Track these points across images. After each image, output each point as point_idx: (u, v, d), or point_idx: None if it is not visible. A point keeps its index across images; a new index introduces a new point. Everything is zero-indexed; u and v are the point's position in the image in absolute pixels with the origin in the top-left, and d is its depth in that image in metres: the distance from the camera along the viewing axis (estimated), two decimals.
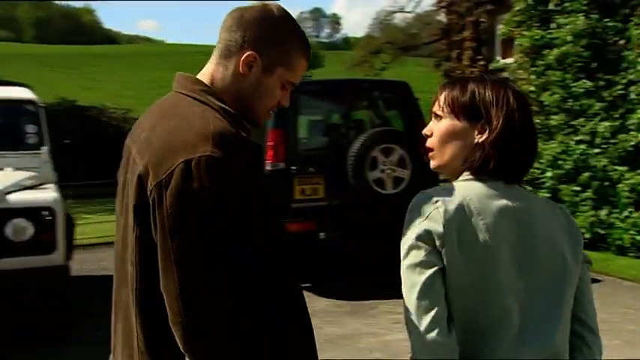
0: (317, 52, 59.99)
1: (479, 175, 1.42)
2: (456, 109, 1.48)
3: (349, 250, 7.03)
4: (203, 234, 1.21)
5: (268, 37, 1.40)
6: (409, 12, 22.35)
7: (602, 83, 7.61)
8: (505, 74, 9.66)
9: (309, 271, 6.60)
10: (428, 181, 6.52)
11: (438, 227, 1.32)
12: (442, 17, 27.09)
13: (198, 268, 1.21)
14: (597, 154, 7.49)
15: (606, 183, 7.30)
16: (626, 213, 7.09)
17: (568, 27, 7.91)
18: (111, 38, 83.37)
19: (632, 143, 7.10)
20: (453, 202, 1.35)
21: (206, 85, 1.41)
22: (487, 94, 1.47)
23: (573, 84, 7.75)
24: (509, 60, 9.52)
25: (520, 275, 1.35)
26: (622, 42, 7.62)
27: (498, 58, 10.26)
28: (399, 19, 22.76)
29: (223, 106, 1.37)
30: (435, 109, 1.53)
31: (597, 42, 7.80)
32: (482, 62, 10.42)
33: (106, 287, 1.47)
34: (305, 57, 1.45)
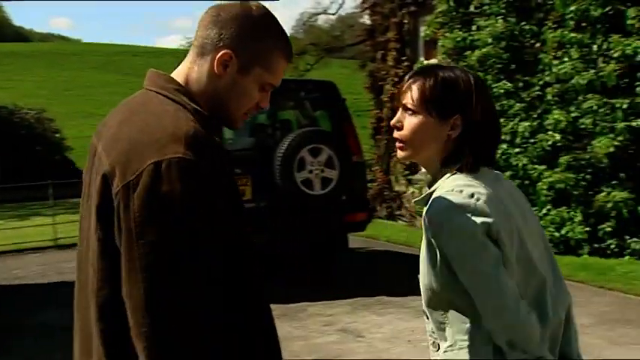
0: None
1: (462, 170, 1.45)
2: (429, 104, 1.48)
3: (277, 252, 6.97)
4: (173, 239, 1.15)
5: (246, 35, 1.34)
6: (332, 14, 22.48)
7: (520, 84, 7.85)
8: None
9: None
10: (356, 181, 6.62)
11: (489, 219, 1.37)
12: (365, 19, 27.43)
13: (167, 276, 1.15)
14: (517, 153, 7.72)
15: (526, 182, 7.53)
16: (545, 210, 7.33)
17: (488, 29, 8.11)
18: (22, 36, 79.66)
19: (550, 143, 7.35)
20: (482, 194, 1.40)
21: (180, 84, 1.35)
22: (459, 87, 1.48)
23: (494, 85, 7.96)
24: (433, 61, 9.69)
25: (536, 245, 1.47)
26: (538, 45, 7.89)
27: (422, 59, 10.43)
28: (322, 20, 22.86)
29: (196, 107, 1.32)
30: (406, 101, 1.51)
31: (515, 44, 8.04)
32: (406, 63, 10.56)
33: (22, 297, 1.37)
34: (285, 57, 1.39)
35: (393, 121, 1.52)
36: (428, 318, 1.50)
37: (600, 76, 6.89)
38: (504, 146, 7.77)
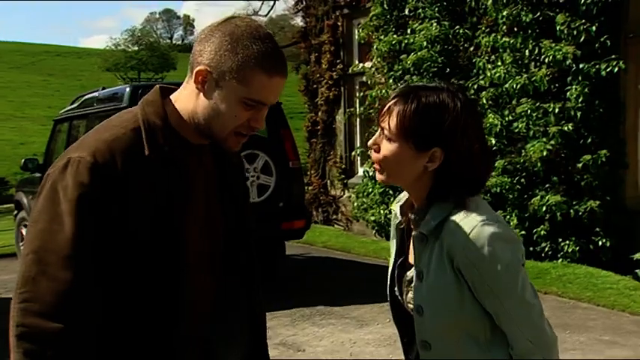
0: (169, 55, 58.42)
1: (459, 207, 1.42)
2: (409, 133, 1.40)
3: None
4: (55, 229, 1.28)
5: (220, 49, 1.34)
6: (263, 16, 22.30)
7: (429, 83, 7.84)
8: (364, 78, 9.77)
9: None
10: (293, 187, 6.44)
11: (522, 247, 1.45)
12: (297, 21, 27.34)
13: (37, 264, 1.28)
14: None
15: None
16: None
17: (422, 33, 8.10)
18: None
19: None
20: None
21: (158, 97, 1.43)
22: (442, 118, 1.38)
23: None
24: (368, 64, 9.63)
25: None
26: (472, 49, 7.94)
27: (357, 62, 10.36)
28: None
29: (152, 120, 1.39)
30: (384, 124, 1.43)
31: (450, 48, 8.06)
32: (340, 66, 10.47)
33: None
34: (263, 70, 1.34)
35: (370, 142, 1.47)
36: (429, 348, 1.47)
37: (533, 81, 6.97)
38: None
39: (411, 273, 1.51)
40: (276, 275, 6.83)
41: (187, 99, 1.39)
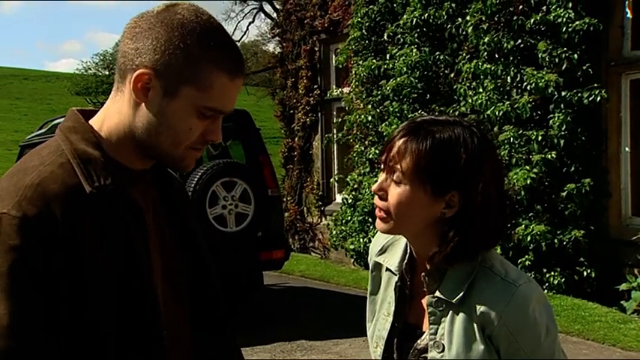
0: None
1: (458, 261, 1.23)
2: (423, 177, 1.20)
3: None
4: None
5: (168, 47, 1.05)
6: (236, 41, 22.26)
7: (437, 115, 7.74)
8: (341, 104, 9.63)
9: None
10: (271, 215, 6.21)
11: None
12: (269, 47, 27.24)
13: None
14: None
15: None
16: None
17: (402, 58, 8.01)
18: None
19: None
20: None
21: (79, 121, 1.12)
22: (460, 156, 1.20)
23: (410, 115, 7.83)
24: (346, 89, 9.49)
25: None
26: (452, 75, 7.85)
27: (334, 87, 10.23)
28: None
29: (82, 149, 1.08)
30: (394, 165, 1.21)
31: (430, 74, 7.97)
32: (317, 91, 10.32)
33: None
34: (226, 72, 1.08)
35: (374, 188, 1.27)
36: None
37: (515, 108, 6.89)
38: None
39: (423, 342, 1.30)
40: (254, 306, 6.56)
41: (120, 114, 1.10)
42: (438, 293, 1.25)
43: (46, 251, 0.99)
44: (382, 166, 1.26)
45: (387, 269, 1.38)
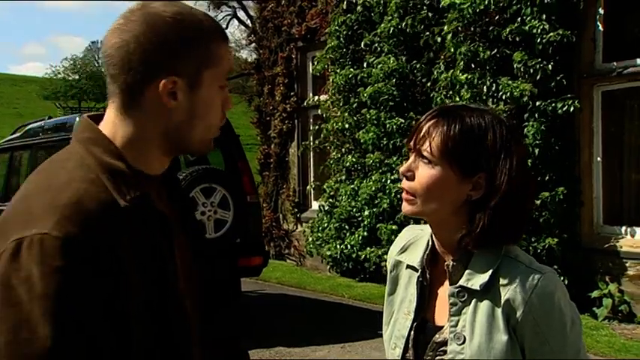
0: None
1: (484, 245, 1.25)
2: (454, 155, 1.22)
3: None
4: (21, 337, 0.92)
5: (173, 46, 1.07)
6: None
7: (414, 123, 7.82)
8: (318, 111, 9.66)
9: None
10: (249, 222, 6.19)
11: None
12: (242, 54, 27.18)
13: None
14: None
15: (422, 221, 7.45)
16: None
17: (379, 66, 8.07)
18: None
19: None
20: None
21: (96, 132, 1.10)
22: (491, 140, 1.23)
23: (387, 121, 7.89)
24: (322, 97, 9.53)
25: None
26: (429, 84, 7.94)
27: (311, 94, 10.26)
28: None
29: (108, 161, 1.06)
30: (423, 147, 1.24)
31: (407, 82, 8.05)
32: (294, 99, 10.34)
33: None
34: (222, 39, 1.13)
35: (402, 169, 1.27)
36: None
37: None
38: (399, 185, 7.68)
39: (443, 336, 1.30)
40: (231, 314, 6.52)
41: (137, 126, 1.09)
42: (461, 281, 1.26)
43: (90, 272, 0.97)
44: (410, 150, 1.28)
45: (408, 266, 1.39)
